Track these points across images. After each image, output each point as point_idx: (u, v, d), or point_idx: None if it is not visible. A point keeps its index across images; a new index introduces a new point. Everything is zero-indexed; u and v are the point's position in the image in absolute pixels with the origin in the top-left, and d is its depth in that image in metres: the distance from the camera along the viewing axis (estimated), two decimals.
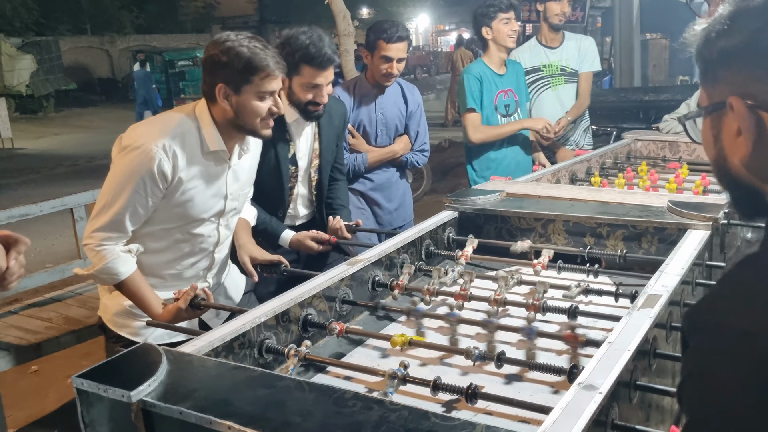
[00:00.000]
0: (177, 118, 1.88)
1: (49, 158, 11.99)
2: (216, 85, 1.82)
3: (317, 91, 2.33)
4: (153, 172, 1.78)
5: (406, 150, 3.12)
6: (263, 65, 1.81)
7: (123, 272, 1.85)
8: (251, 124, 1.87)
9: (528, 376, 1.45)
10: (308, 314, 1.65)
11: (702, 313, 0.68)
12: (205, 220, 1.97)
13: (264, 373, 1.23)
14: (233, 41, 1.80)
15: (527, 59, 3.72)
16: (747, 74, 0.74)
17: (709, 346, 0.64)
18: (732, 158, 0.77)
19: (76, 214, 3.41)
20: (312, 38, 2.27)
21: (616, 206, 2.23)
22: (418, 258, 2.13)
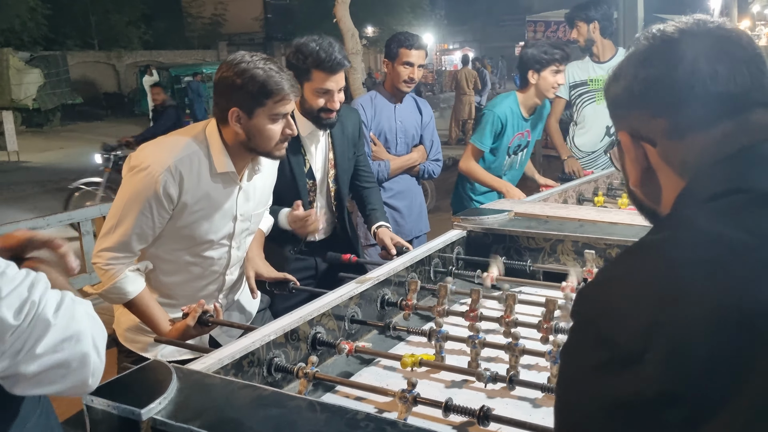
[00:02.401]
0: (185, 139, 1.85)
1: (54, 172, 12.02)
2: (229, 109, 1.79)
3: (329, 97, 2.33)
4: (159, 195, 1.76)
5: (423, 159, 3.22)
6: (278, 88, 1.78)
7: (131, 291, 1.84)
8: (265, 147, 1.85)
9: (540, 398, 1.43)
10: (317, 332, 1.64)
11: (576, 301, 0.77)
12: (215, 243, 1.95)
13: (275, 392, 1.22)
14: (248, 63, 1.77)
15: (576, 73, 3.83)
16: (630, 113, 0.87)
17: (575, 327, 0.73)
18: (631, 183, 0.90)
19: (82, 228, 3.42)
20: (322, 44, 2.29)
21: (624, 227, 2.22)
22: (426, 277, 2.12)
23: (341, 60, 2.30)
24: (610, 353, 0.65)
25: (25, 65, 17.35)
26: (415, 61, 3.02)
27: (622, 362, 0.64)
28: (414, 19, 25.70)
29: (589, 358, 0.67)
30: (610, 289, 0.72)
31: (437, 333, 1.62)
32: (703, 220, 0.72)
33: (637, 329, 0.64)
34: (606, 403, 0.64)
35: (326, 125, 2.42)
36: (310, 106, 2.36)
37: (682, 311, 0.62)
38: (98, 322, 1.04)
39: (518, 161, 3.44)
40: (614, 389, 0.63)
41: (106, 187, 6.81)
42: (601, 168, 3.84)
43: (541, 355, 1.50)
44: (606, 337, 0.66)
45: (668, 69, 0.82)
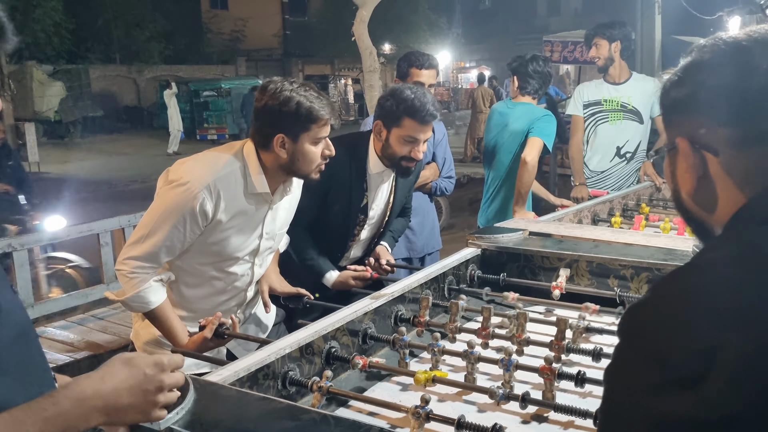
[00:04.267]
0: (225, 158, 1.89)
1: (74, 183, 12.18)
2: (274, 135, 1.84)
3: (414, 147, 2.33)
4: (195, 211, 1.80)
5: (435, 176, 3.22)
6: (322, 114, 1.84)
7: (153, 302, 1.87)
8: (306, 170, 1.90)
9: (552, 417, 1.44)
10: (332, 347, 1.65)
11: (625, 318, 0.76)
12: (240, 259, 1.98)
13: (289, 405, 1.24)
14: (290, 90, 1.82)
15: (590, 92, 3.86)
16: (692, 120, 0.85)
17: (623, 343, 0.73)
18: (683, 192, 0.88)
19: (101, 239, 3.47)
20: (417, 93, 2.30)
21: (640, 249, 2.22)
22: (440, 294, 2.14)
23: (434, 112, 2.31)
24: (665, 373, 0.64)
25: (48, 78, 17.67)
26: (426, 81, 3.02)
27: (679, 382, 0.63)
28: (431, 37, 25.86)
29: (640, 377, 0.66)
30: (666, 308, 0.71)
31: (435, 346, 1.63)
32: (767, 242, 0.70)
33: (697, 350, 0.63)
34: (660, 423, 0.63)
35: (404, 173, 2.44)
36: (393, 152, 2.35)
37: (750, 334, 0.61)
38: None
39: None
40: (669, 409, 0.62)
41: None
42: (611, 188, 3.84)
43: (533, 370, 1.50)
44: (661, 357, 0.66)
45: (740, 78, 0.80)
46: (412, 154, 2.35)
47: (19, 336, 0.94)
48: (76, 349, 3.07)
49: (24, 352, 0.94)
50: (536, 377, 1.52)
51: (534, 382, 1.58)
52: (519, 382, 1.57)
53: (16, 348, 0.92)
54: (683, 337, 0.65)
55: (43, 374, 0.99)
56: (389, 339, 1.74)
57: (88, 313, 3.57)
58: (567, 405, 1.36)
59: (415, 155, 2.35)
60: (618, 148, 3.85)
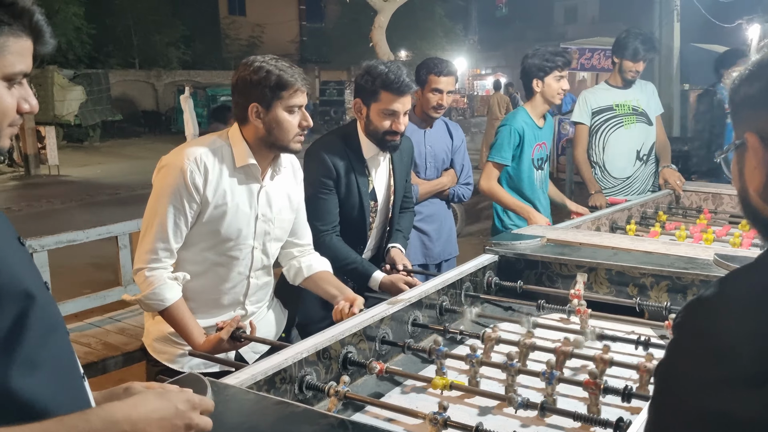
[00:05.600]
0: (209, 137, 1.98)
1: (92, 186, 12.33)
2: (249, 105, 1.89)
3: (394, 119, 2.37)
4: (187, 184, 1.85)
5: (452, 183, 3.22)
6: (292, 81, 1.89)
7: (169, 299, 1.88)
8: (283, 139, 1.92)
9: (570, 426, 1.42)
10: (348, 352, 1.65)
11: (683, 314, 0.74)
12: (239, 242, 1.98)
13: (307, 410, 1.24)
14: (261, 62, 1.90)
15: (598, 99, 3.82)
16: (764, 115, 0.83)
17: (683, 342, 0.71)
18: (750, 190, 0.85)
19: (120, 242, 3.49)
20: (391, 67, 2.36)
21: (660, 257, 2.20)
22: (457, 300, 2.13)
23: (409, 83, 2.35)
24: (729, 370, 0.63)
25: (69, 82, 17.89)
26: (444, 88, 3.02)
27: (744, 381, 0.62)
28: (447, 44, 25.87)
29: (700, 374, 0.65)
30: (733, 305, 0.69)
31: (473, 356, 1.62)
32: None
33: (766, 349, 0.62)
34: (720, 421, 0.62)
35: (390, 147, 2.45)
36: (375, 128, 2.40)
37: None
38: None
39: (544, 177, 3.44)
40: (732, 408, 0.61)
41: None
42: (636, 194, 3.80)
43: (578, 384, 1.48)
44: (725, 354, 0.65)
45: None
46: (394, 126, 2.37)
47: (52, 330, 0.95)
48: (93, 350, 3.09)
49: (56, 347, 0.95)
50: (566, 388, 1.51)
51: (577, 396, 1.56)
52: (562, 396, 1.54)
53: (50, 342, 0.93)
54: (751, 335, 0.64)
55: (73, 371, 1.00)
56: (426, 349, 1.72)
57: (105, 314, 3.60)
58: (587, 415, 1.34)
59: (396, 128, 2.38)
60: (637, 152, 3.84)
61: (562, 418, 1.41)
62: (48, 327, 0.93)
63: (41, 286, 0.96)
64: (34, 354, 0.90)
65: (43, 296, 0.94)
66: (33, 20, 0.97)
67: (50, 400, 0.91)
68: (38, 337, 0.91)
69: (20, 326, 0.89)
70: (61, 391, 0.94)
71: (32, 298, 0.90)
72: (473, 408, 1.54)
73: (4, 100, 0.96)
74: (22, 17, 0.95)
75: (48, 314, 0.94)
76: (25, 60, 0.97)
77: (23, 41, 0.97)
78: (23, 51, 0.97)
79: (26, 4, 0.96)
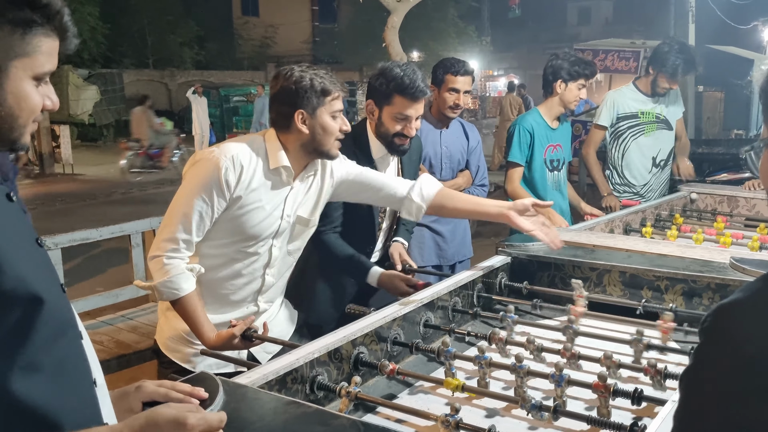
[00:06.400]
0: (247, 138, 2.01)
1: (106, 185, 12.41)
2: (294, 113, 1.93)
3: (406, 123, 2.36)
4: (220, 180, 1.86)
5: (468, 184, 3.21)
6: (334, 88, 1.96)
7: (184, 289, 1.88)
8: (327, 144, 1.97)
9: (581, 428, 1.41)
10: (360, 353, 1.64)
11: (714, 318, 0.72)
12: (260, 239, 1.99)
13: (319, 410, 1.23)
14: (300, 71, 1.95)
15: (626, 104, 3.78)
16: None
17: (710, 345, 0.69)
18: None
19: (133, 240, 3.51)
20: (406, 70, 2.35)
21: (674, 259, 2.17)
22: (469, 302, 2.11)
23: (423, 88, 2.35)
24: (757, 380, 0.61)
25: (84, 82, 18.03)
26: (461, 88, 3.02)
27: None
28: (460, 45, 25.81)
29: (729, 382, 0.64)
30: (761, 311, 0.67)
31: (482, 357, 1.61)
32: None
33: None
34: (751, 430, 0.60)
35: (398, 151, 2.44)
36: (385, 130, 2.39)
37: None
38: None
39: (561, 180, 3.41)
40: (760, 419, 0.60)
41: None
42: (652, 199, 3.77)
43: (587, 386, 1.47)
44: (755, 362, 0.63)
45: None
46: (405, 130, 2.37)
47: (60, 335, 0.93)
48: (105, 348, 3.11)
49: (62, 352, 0.94)
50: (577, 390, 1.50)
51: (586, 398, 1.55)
52: (570, 398, 1.52)
53: (55, 347, 0.92)
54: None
55: (81, 376, 0.98)
56: (434, 350, 1.71)
57: (117, 313, 3.62)
58: (601, 419, 1.33)
59: (408, 132, 2.38)
60: (653, 158, 3.82)
61: (573, 421, 1.40)
62: (56, 331, 0.92)
63: (55, 288, 0.95)
64: (36, 358, 0.89)
65: (55, 299, 0.93)
66: (63, 21, 0.98)
67: (51, 404, 0.90)
68: (43, 341, 0.90)
69: (23, 330, 0.88)
70: (65, 396, 0.92)
71: (40, 302, 0.89)
72: (482, 410, 1.53)
73: (33, 98, 0.97)
74: (54, 18, 0.97)
75: (57, 318, 0.93)
76: (52, 60, 0.98)
77: (52, 41, 0.98)
78: (52, 51, 0.98)
79: (58, 6, 0.97)
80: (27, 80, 0.96)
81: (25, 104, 0.96)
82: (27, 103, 0.96)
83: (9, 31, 0.93)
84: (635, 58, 10.76)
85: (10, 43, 0.93)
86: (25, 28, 0.94)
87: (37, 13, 0.95)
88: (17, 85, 0.95)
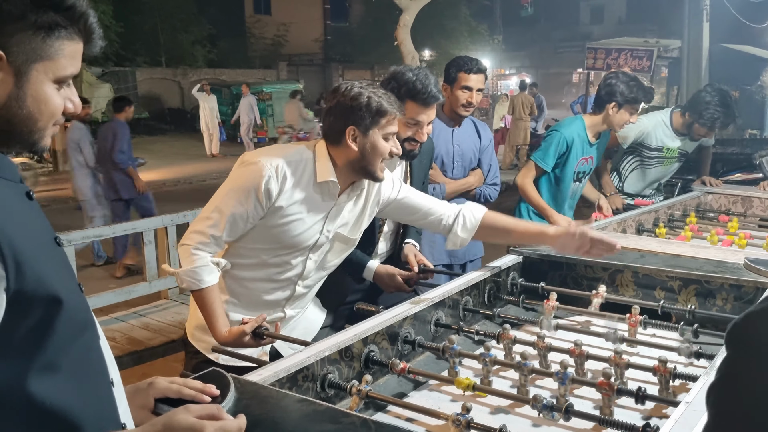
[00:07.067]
0: (297, 147, 2.00)
1: None
2: (346, 128, 1.91)
3: (417, 129, 2.35)
4: (260, 188, 1.86)
5: (479, 183, 3.20)
6: (391, 109, 1.92)
7: (207, 281, 1.89)
8: (374, 164, 1.94)
9: (590, 427, 1.40)
10: (371, 351, 1.64)
11: (744, 327, 0.69)
12: (297, 251, 1.99)
13: (330, 408, 1.23)
14: (360, 88, 1.92)
15: (657, 139, 3.69)
16: None
17: (741, 356, 0.66)
18: None
19: (145, 238, 3.53)
20: (419, 75, 2.33)
21: (688, 260, 2.16)
22: (480, 301, 2.11)
23: (436, 94, 2.33)
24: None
25: (97, 80, 18.18)
26: (474, 86, 3.01)
27: None
28: (471, 44, 25.72)
29: (762, 395, 0.61)
30: None
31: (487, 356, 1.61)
32: None
33: None
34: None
35: (408, 156, 2.42)
36: (397, 134, 2.37)
37: None
38: None
39: (579, 189, 3.39)
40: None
41: None
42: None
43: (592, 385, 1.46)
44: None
45: None
46: (416, 136, 2.35)
47: (78, 335, 0.94)
48: (118, 345, 3.13)
49: (80, 352, 0.94)
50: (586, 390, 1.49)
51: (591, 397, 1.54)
52: (575, 397, 1.53)
53: (74, 347, 0.92)
54: None
55: (99, 376, 0.99)
56: (439, 347, 1.71)
57: (129, 309, 3.64)
58: (613, 419, 1.32)
59: (419, 137, 2.36)
60: (659, 184, 3.86)
61: (581, 421, 1.39)
62: (74, 331, 0.92)
63: (73, 288, 0.95)
64: (55, 358, 0.89)
65: (73, 299, 0.93)
66: (88, 23, 0.97)
67: (70, 404, 0.90)
68: (62, 341, 0.90)
69: (42, 331, 0.88)
70: (83, 396, 0.92)
71: (59, 303, 0.89)
72: (492, 408, 1.53)
73: (54, 101, 0.96)
74: (78, 21, 0.96)
75: (76, 318, 0.93)
76: (75, 63, 0.97)
77: (75, 44, 0.97)
78: (75, 54, 0.97)
79: (83, 8, 0.96)
80: (48, 83, 0.95)
81: (45, 108, 0.95)
82: (47, 107, 0.95)
83: (31, 34, 0.91)
84: (648, 57, 10.69)
85: (32, 46, 0.92)
86: (48, 31, 0.93)
87: (60, 16, 0.93)
88: (38, 89, 0.94)
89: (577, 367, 1.63)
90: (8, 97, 0.92)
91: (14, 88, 0.92)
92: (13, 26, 0.90)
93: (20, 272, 0.85)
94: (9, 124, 0.93)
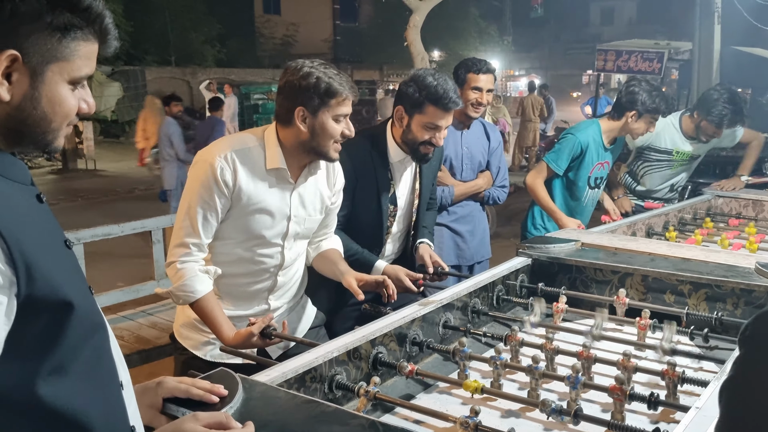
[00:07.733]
0: (243, 135, 2.00)
1: (127, 181, 12.55)
2: (295, 108, 1.90)
3: (435, 133, 2.35)
4: (217, 179, 1.87)
5: (488, 185, 3.19)
6: (341, 90, 1.89)
7: (200, 290, 1.90)
8: (325, 146, 1.93)
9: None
10: (379, 353, 1.64)
11: (757, 327, 0.69)
12: (268, 241, 1.99)
13: (338, 410, 1.23)
14: (310, 67, 1.89)
15: (666, 140, 3.67)
16: None
17: (755, 356, 0.66)
18: None
19: (154, 236, 3.55)
20: (439, 80, 2.33)
21: (698, 264, 2.14)
22: (489, 303, 2.10)
23: (456, 99, 2.33)
24: None
25: (107, 79, 18.25)
26: (483, 86, 3.00)
27: None
28: (481, 45, 25.71)
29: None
30: None
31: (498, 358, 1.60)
32: None
33: None
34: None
35: (423, 159, 2.43)
36: (413, 137, 2.37)
37: None
38: None
39: (596, 196, 3.36)
40: None
41: None
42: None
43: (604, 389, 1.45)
44: None
45: None
46: (433, 140, 2.36)
47: (88, 338, 0.93)
48: (126, 343, 3.14)
49: (91, 356, 0.94)
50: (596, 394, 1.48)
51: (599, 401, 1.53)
52: (584, 401, 1.51)
53: (84, 351, 0.92)
54: None
55: (108, 379, 0.99)
56: (449, 350, 1.71)
57: (138, 308, 3.66)
58: (623, 424, 1.31)
59: (436, 142, 2.36)
60: (672, 185, 3.83)
61: (591, 425, 1.38)
62: (84, 334, 0.92)
63: (84, 291, 0.95)
64: (65, 361, 0.89)
65: (84, 303, 0.92)
66: (104, 24, 0.97)
67: (79, 407, 0.90)
68: (72, 344, 0.89)
69: (53, 335, 0.88)
70: (92, 399, 0.92)
71: (70, 307, 0.89)
72: (500, 411, 1.52)
73: (68, 102, 0.96)
74: (94, 22, 0.95)
75: (86, 321, 0.92)
76: (90, 63, 0.97)
77: (91, 45, 0.97)
78: (90, 54, 0.97)
79: (99, 9, 0.96)
80: (63, 84, 0.94)
81: (59, 108, 0.95)
82: (61, 108, 0.95)
83: (47, 35, 0.91)
84: (659, 59, 10.63)
85: (47, 47, 0.91)
86: (64, 31, 0.92)
87: (76, 17, 0.93)
88: (52, 89, 0.93)
89: (584, 370, 1.62)
90: (23, 98, 0.91)
91: (29, 89, 0.91)
92: (28, 27, 0.90)
93: (31, 277, 0.85)
94: (23, 124, 0.92)
